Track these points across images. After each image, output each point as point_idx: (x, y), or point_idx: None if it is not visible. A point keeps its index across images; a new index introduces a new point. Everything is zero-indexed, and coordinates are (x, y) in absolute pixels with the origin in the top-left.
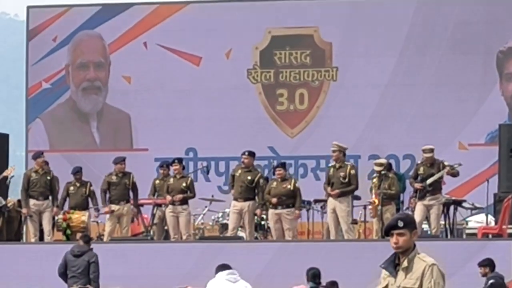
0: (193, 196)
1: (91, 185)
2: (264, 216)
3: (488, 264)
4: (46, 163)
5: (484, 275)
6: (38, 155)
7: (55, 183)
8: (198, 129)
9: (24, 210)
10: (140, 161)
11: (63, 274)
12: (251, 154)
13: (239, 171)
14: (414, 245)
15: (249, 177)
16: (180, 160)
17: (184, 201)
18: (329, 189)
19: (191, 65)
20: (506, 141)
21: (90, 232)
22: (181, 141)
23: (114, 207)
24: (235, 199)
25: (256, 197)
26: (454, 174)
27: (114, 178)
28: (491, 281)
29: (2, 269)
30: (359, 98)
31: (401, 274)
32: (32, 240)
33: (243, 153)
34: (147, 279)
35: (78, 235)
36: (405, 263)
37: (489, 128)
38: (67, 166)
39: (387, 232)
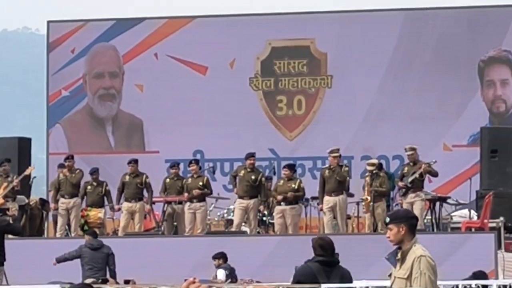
0: (210, 193)
1: (107, 185)
2: (266, 212)
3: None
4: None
5: None
6: (67, 157)
7: (78, 182)
8: (205, 132)
9: (52, 205)
10: (151, 162)
11: (67, 259)
12: (253, 156)
13: (243, 171)
14: (412, 238)
15: (252, 177)
16: (197, 161)
17: (201, 198)
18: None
19: (198, 74)
20: (487, 143)
21: (106, 228)
22: (189, 143)
23: (126, 205)
24: (241, 197)
25: (259, 195)
26: (433, 173)
27: (127, 178)
28: (474, 271)
29: (25, 262)
30: (352, 104)
31: (398, 265)
32: (59, 233)
33: (250, 156)
34: (158, 270)
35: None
36: (400, 255)
37: (471, 131)
38: (85, 168)
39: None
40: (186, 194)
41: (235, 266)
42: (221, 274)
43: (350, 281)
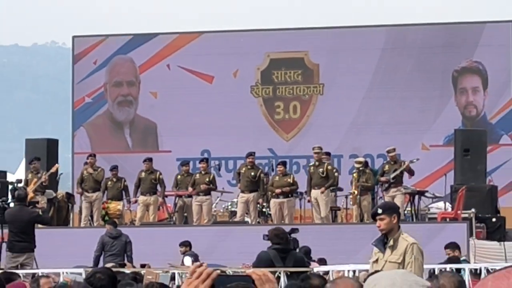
0: (215, 188)
1: (125, 180)
2: (265, 205)
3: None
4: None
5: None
6: (91, 155)
7: (100, 176)
8: (211, 134)
9: (78, 190)
10: (164, 160)
11: (99, 256)
12: (253, 155)
13: (244, 168)
14: (399, 227)
15: (252, 173)
16: (206, 160)
17: (207, 192)
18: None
19: (205, 83)
20: (460, 143)
21: (124, 218)
22: (198, 144)
23: (142, 198)
24: (242, 191)
25: (259, 189)
26: (411, 172)
27: (143, 174)
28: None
29: (52, 249)
30: (341, 109)
31: (388, 251)
32: (83, 223)
33: (250, 155)
34: (170, 256)
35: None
36: (391, 242)
37: (446, 132)
38: (105, 165)
39: (373, 217)
40: (190, 189)
41: (237, 252)
42: (187, 260)
43: (304, 265)
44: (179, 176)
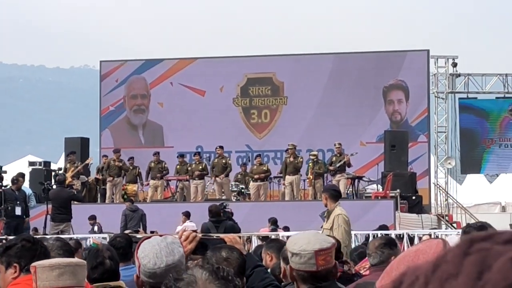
0: (207, 174)
1: (139, 168)
2: (243, 186)
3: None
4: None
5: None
6: (117, 150)
7: (125, 167)
8: (204, 133)
9: (107, 179)
10: (168, 154)
11: (125, 226)
12: (222, 147)
13: (216, 160)
14: (334, 202)
15: (223, 161)
16: (199, 153)
17: (201, 177)
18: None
19: (199, 96)
20: (388, 141)
21: (138, 197)
22: (193, 141)
23: (152, 182)
24: (216, 176)
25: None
26: (350, 164)
27: (152, 164)
28: (380, 224)
29: (85, 220)
30: (300, 115)
31: (325, 220)
32: (108, 200)
33: (218, 147)
34: (173, 225)
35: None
36: (326, 214)
37: (378, 133)
38: (124, 157)
39: None
40: (183, 176)
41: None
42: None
43: (234, 231)
44: (178, 166)
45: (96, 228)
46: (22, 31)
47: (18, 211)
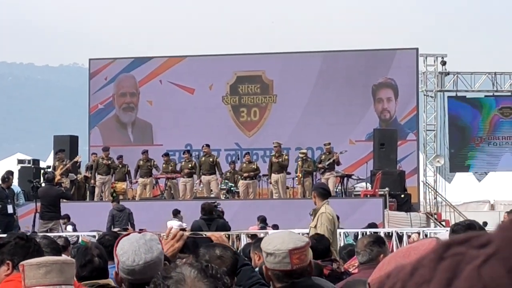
0: (195, 172)
1: (128, 166)
2: (233, 184)
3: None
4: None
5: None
6: (106, 148)
7: (114, 166)
8: (193, 132)
9: (92, 181)
10: (157, 152)
11: (111, 227)
12: (208, 146)
13: (203, 158)
14: (322, 200)
15: (210, 159)
16: (189, 151)
17: (190, 175)
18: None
19: (188, 94)
20: (378, 139)
21: (127, 195)
22: (182, 139)
23: (141, 180)
24: (204, 174)
25: (217, 172)
26: (339, 162)
27: (141, 162)
28: (369, 222)
29: (73, 217)
30: (289, 113)
31: (312, 218)
32: (96, 198)
33: (204, 146)
34: (162, 222)
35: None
36: (312, 212)
37: (367, 131)
38: (113, 155)
39: None
40: (170, 174)
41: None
42: (174, 223)
43: (225, 229)
44: (163, 165)
45: (70, 228)
46: (11, 29)
47: (10, 209)
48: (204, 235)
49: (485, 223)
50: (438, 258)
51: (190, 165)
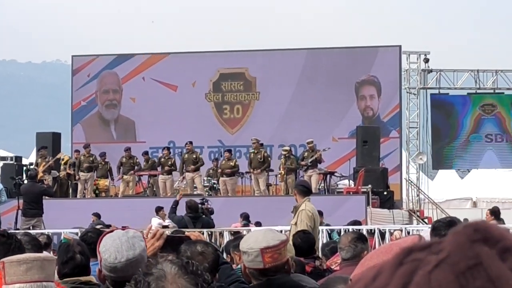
0: (176, 169)
1: (110, 164)
2: (216, 181)
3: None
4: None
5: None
6: (86, 145)
7: (96, 162)
8: (176, 129)
9: (77, 177)
10: (140, 149)
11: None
12: (191, 143)
13: (186, 155)
14: (303, 198)
15: (194, 156)
16: (168, 148)
17: (169, 172)
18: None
19: (171, 91)
20: (360, 136)
21: (110, 192)
22: (165, 136)
23: (124, 177)
24: (187, 171)
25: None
26: (321, 160)
27: (124, 159)
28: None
29: (55, 215)
30: (272, 110)
31: (293, 215)
32: (79, 195)
33: (187, 143)
34: (144, 219)
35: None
36: (294, 209)
37: (350, 128)
38: (96, 152)
39: None
40: (158, 171)
41: None
42: (155, 221)
43: (209, 227)
44: (144, 163)
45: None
46: None
47: None
48: (183, 234)
49: (466, 220)
50: (397, 264)
51: (169, 162)
